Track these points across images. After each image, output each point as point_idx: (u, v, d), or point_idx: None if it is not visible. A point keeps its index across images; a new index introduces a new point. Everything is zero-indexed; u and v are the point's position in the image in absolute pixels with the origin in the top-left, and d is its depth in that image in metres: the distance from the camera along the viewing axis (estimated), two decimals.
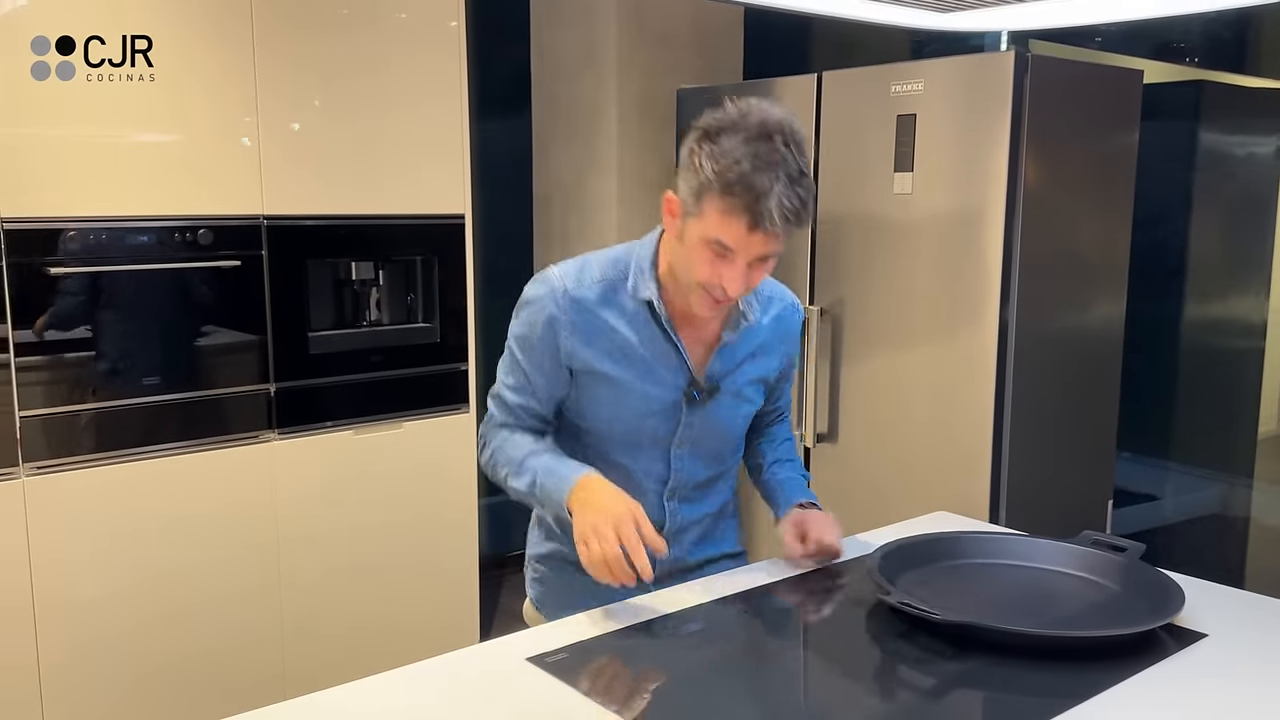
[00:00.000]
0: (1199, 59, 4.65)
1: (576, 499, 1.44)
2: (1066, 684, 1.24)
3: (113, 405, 2.50)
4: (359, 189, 2.78)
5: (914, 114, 2.64)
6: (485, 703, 1.23)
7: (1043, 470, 2.73)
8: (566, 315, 1.53)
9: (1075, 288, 2.78)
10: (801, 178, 1.37)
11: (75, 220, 2.40)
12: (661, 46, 3.47)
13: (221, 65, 2.54)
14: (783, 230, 1.38)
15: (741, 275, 1.43)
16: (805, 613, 1.56)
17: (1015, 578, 1.56)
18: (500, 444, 1.59)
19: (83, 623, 2.48)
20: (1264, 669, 1.32)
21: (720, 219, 1.38)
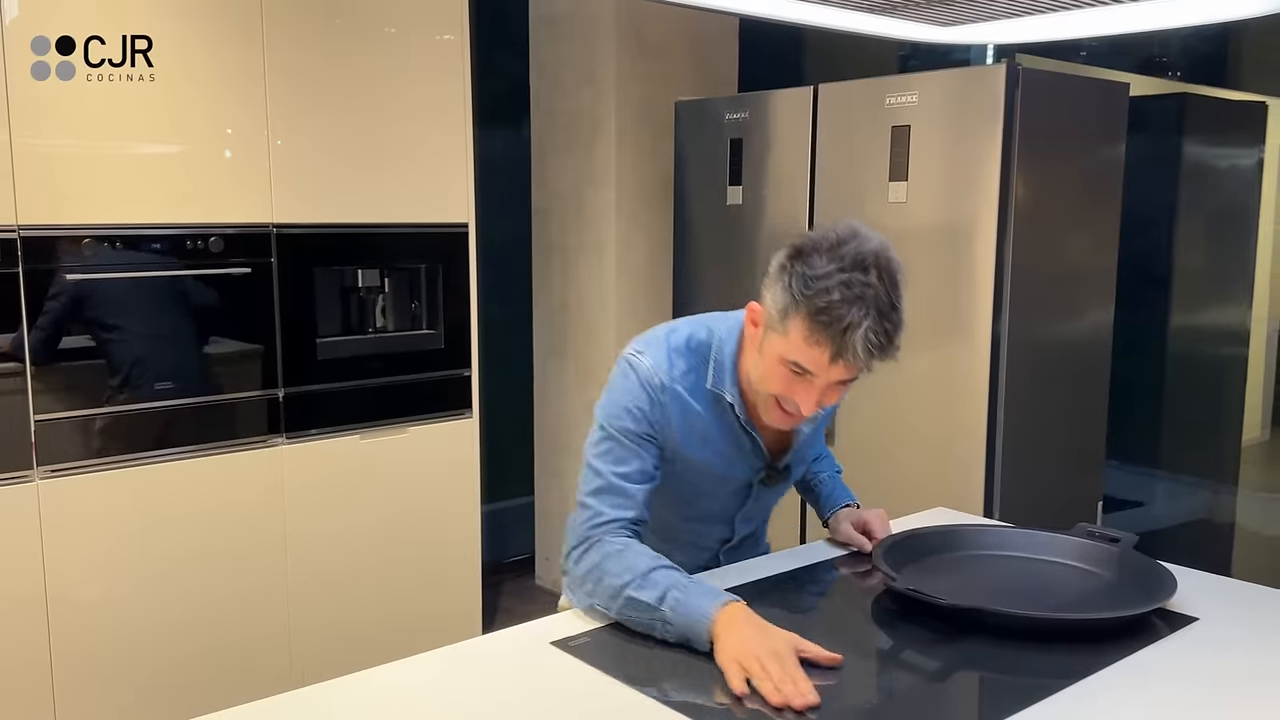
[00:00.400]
0: (1181, 73, 4.75)
1: (728, 625, 1.31)
2: (1063, 665, 1.30)
3: (126, 409, 2.54)
4: (365, 198, 2.84)
5: (908, 125, 2.72)
6: (513, 682, 1.29)
7: (1034, 475, 2.79)
8: (665, 408, 1.52)
9: (1065, 296, 2.85)
10: (892, 312, 1.35)
11: (90, 228, 2.45)
12: (659, 60, 3.55)
13: (231, 76, 2.60)
14: (865, 364, 1.37)
15: (816, 397, 1.42)
16: (815, 600, 1.62)
17: (1013, 568, 1.63)
18: (617, 552, 1.43)
19: (94, 620, 2.52)
20: (1253, 650, 1.38)
21: (803, 343, 1.36)
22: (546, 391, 3.92)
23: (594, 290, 3.64)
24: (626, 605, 1.39)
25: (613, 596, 1.40)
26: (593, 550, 1.46)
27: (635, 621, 1.39)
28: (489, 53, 3.23)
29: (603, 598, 1.42)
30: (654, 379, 1.52)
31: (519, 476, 4.04)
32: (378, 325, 2.98)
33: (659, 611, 1.35)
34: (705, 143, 3.29)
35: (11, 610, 2.42)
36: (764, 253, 3.12)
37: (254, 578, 2.74)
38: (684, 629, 1.34)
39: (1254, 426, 5.62)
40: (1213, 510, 4.19)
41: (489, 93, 3.27)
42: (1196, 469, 4.11)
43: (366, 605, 2.92)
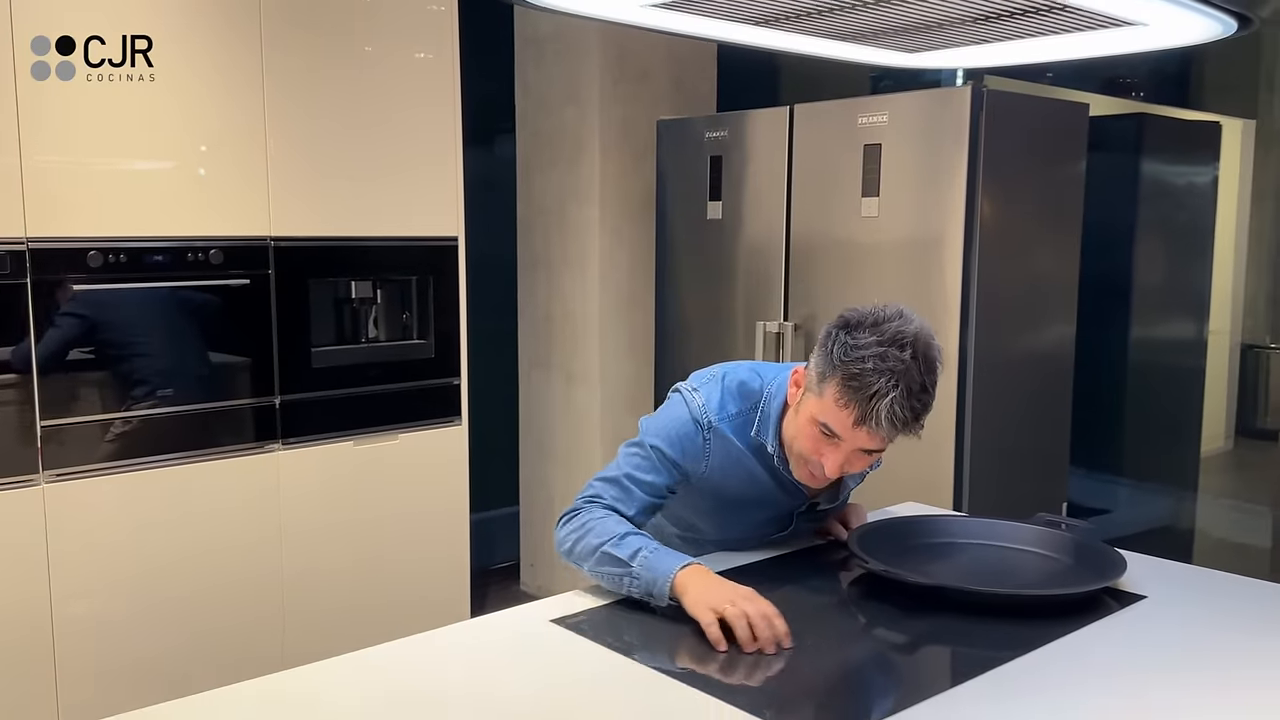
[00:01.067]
0: (1144, 93, 4.94)
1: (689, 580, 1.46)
2: (1020, 637, 1.42)
3: (128, 415, 2.63)
4: (359, 212, 2.95)
5: (879, 143, 2.86)
6: (516, 656, 1.40)
7: (1001, 481, 2.92)
8: (709, 444, 1.65)
9: (1029, 309, 2.99)
10: (921, 392, 1.45)
11: (95, 240, 2.54)
12: (641, 82, 3.68)
13: (232, 91, 2.70)
14: (888, 434, 1.47)
15: (840, 461, 1.53)
16: (796, 582, 1.74)
17: (977, 553, 1.75)
18: (602, 519, 1.59)
19: (96, 614, 2.60)
20: (1194, 623, 1.51)
21: (834, 405, 1.47)
22: (531, 402, 4.02)
23: (578, 302, 3.76)
24: (601, 560, 1.54)
25: (591, 553, 1.55)
26: (580, 515, 1.62)
27: (606, 576, 1.55)
28: (476, 72, 3.34)
29: (583, 554, 1.57)
30: (704, 417, 1.65)
31: (504, 486, 4.14)
32: (370, 335, 3.07)
33: (629, 567, 1.50)
34: (686, 160, 3.42)
35: (17, 605, 2.49)
36: (744, 265, 3.26)
37: (250, 578, 2.83)
38: (648, 583, 1.48)
39: (1218, 437, 5.79)
40: (1175, 517, 4.33)
41: (476, 111, 3.39)
42: (1158, 476, 4.24)
43: (358, 604, 3.01)
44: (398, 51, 2.99)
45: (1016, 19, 1.34)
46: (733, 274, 3.30)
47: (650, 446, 1.65)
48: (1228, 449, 5.61)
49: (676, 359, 3.50)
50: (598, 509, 1.62)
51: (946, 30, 1.47)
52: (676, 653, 1.40)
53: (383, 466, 3.05)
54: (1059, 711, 1.23)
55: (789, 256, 3.12)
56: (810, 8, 1.30)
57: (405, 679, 1.33)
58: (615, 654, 1.37)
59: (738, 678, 1.31)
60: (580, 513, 1.62)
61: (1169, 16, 1.35)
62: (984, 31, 1.49)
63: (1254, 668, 1.36)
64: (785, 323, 3.12)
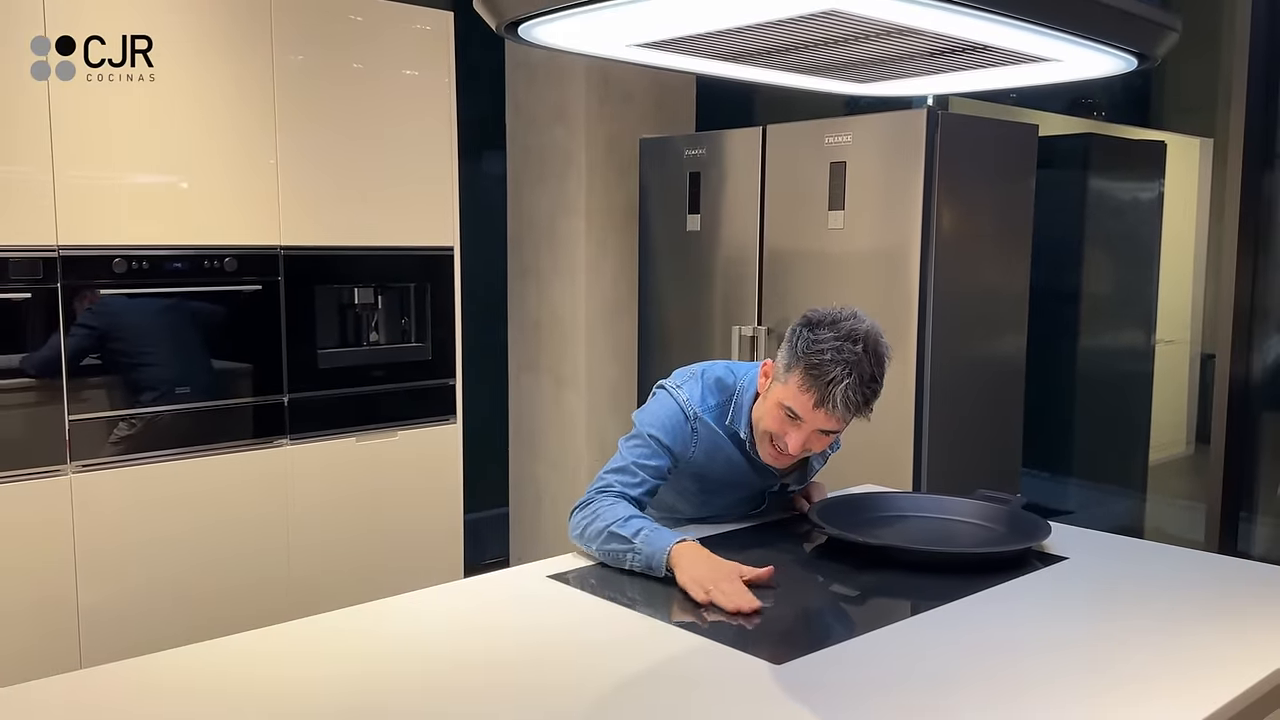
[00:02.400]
0: (1105, 113, 5.21)
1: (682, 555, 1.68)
2: (954, 588, 1.65)
3: (149, 411, 2.84)
4: (362, 223, 3.16)
5: (844, 161, 3.10)
6: (518, 606, 1.61)
7: (957, 479, 3.14)
8: (695, 431, 1.90)
9: (983, 316, 3.23)
10: (871, 381, 1.70)
11: (120, 248, 2.75)
12: (625, 102, 3.92)
13: (248, 113, 2.92)
14: (843, 416, 1.71)
15: (802, 440, 1.76)
16: (765, 547, 1.96)
17: (922, 524, 1.98)
18: (611, 505, 1.81)
19: (117, 593, 2.79)
20: (1105, 577, 1.75)
21: (797, 391, 1.72)
22: (521, 404, 4.24)
23: (566, 309, 3.98)
24: (608, 540, 1.75)
25: (599, 534, 1.77)
26: (593, 504, 1.84)
27: (611, 553, 1.76)
28: (469, 92, 3.55)
29: (592, 535, 1.78)
30: (689, 409, 1.90)
31: (494, 487, 4.35)
32: (371, 339, 3.29)
33: (632, 544, 1.72)
34: (667, 176, 3.66)
35: (45, 585, 2.69)
36: (721, 273, 3.50)
37: (259, 564, 3.03)
38: (648, 557, 1.70)
39: (1179, 442, 6.06)
40: (1130, 517, 4.56)
41: (470, 129, 3.60)
42: (1112, 479, 4.47)
43: (360, 582, 3.20)
44: (398, 73, 3.21)
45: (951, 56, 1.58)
46: (711, 282, 3.53)
47: (649, 435, 1.88)
48: (1189, 454, 5.87)
49: (659, 362, 3.72)
50: (608, 497, 1.84)
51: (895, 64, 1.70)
52: (662, 603, 1.62)
53: (383, 461, 3.26)
54: (980, 639, 1.45)
55: (762, 265, 3.36)
56: (776, 45, 1.54)
57: (410, 629, 1.54)
58: (608, 603, 1.59)
59: (722, 622, 1.53)
60: (592, 502, 1.84)
61: (1078, 55, 1.59)
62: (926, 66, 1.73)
63: (1147, 607, 1.59)
64: (759, 327, 3.35)
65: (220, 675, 1.34)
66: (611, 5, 1.26)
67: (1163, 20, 1.52)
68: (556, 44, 1.52)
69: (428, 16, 3.27)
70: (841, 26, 1.40)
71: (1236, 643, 1.45)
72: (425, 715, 1.23)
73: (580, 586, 1.66)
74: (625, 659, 1.38)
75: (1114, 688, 1.29)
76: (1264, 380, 3.19)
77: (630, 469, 1.88)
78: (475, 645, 1.46)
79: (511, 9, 1.33)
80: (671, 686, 1.31)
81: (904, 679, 1.33)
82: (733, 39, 1.50)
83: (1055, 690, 1.29)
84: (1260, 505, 3.31)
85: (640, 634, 1.49)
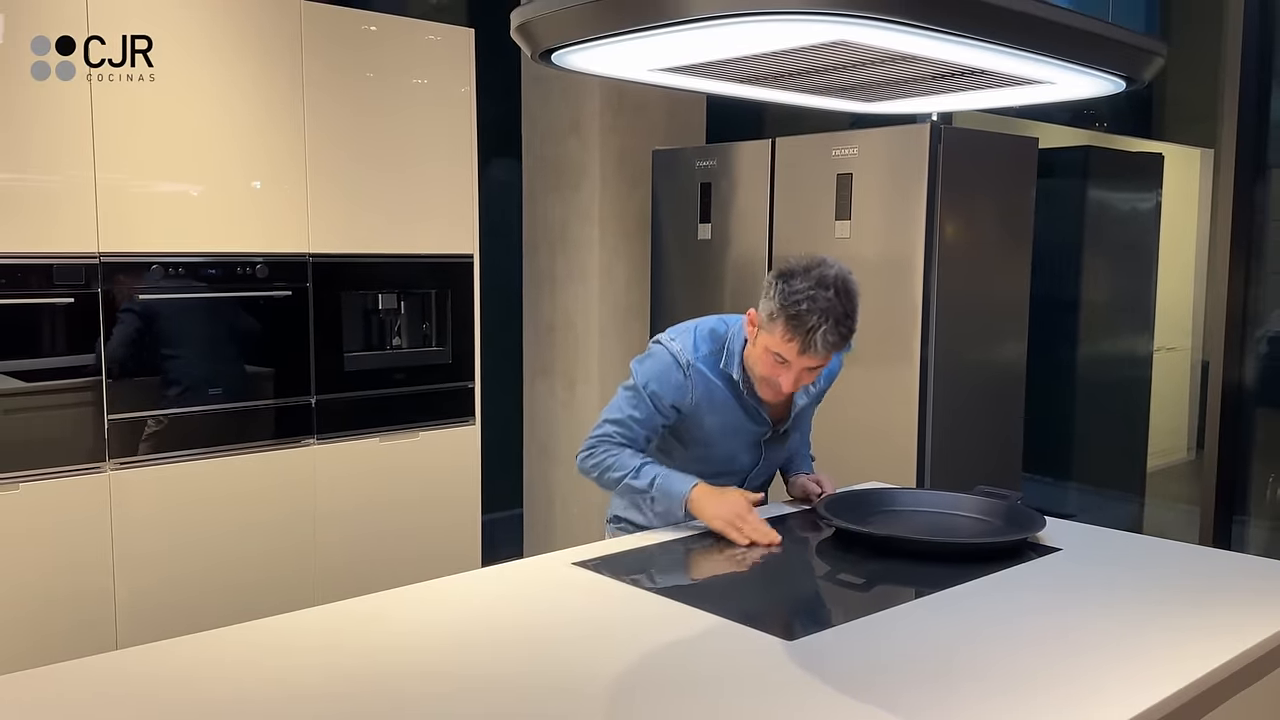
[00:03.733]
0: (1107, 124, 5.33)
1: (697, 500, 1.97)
2: (952, 575, 1.77)
3: (184, 411, 2.96)
4: (386, 232, 3.29)
5: (851, 173, 3.22)
6: (545, 589, 1.73)
7: (959, 479, 3.25)
8: (690, 378, 2.05)
9: (985, 323, 3.34)
10: (846, 318, 1.88)
11: (157, 255, 2.88)
12: (637, 115, 4.04)
13: (278, 124, 3.05)
14: (825, 354, 1.89)
15: (794, 379, 1.95)
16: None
17: (924, 518, 2.09)
18: (616, 454, 2.05)
19: (154, 583, 2.92)
20: (1096, 566, 1.86)
21: (781, 340, 1.89)
22: (535, 408, 4.36)
23: (579, 315, 4.10)
24: (624, 490, 2.06)
25: (615, 484, 2.06)
26: (597, 453, 2.08)
27: (631, 497, 2.10)
28: (487, 105, 3.67)
29: (608, 484, 2.07)
30: (683, 358, 2.06)
31: (509, 489, 4.47)
32: (394, 343, 3.41)
33: (649, 492, 2.01)
34: (678, 186, 3.78)
35: (84, 577, 2.82)
36: (731, 280, 3.62)
37: (286, 556, 3.15)
38: (666, 502, 2.02)
39: (1180, 448, 6.17)
40: (1127, 522, 4.65)
41: (486, 138, 3.72)
42: (1108, 483, 4.56)
43: (382, 577, 3.31)
44: (421, 86, 3.34)
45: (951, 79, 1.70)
46: (721, 288, 3.65)
47: (646, 391, 2.06)
48: (1188, 459, 5.98)
49: None
50: (612, 446, 2.07)
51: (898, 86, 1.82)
52: (678, 584, 1.74)
53: (404, 462, 3.39)
54: (977, 621, 1.57)
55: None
56: (787, 70, 1.66)
57: (442, 615, 1.65)
58: (627, 585, 1.71)
59: (740, 602, 1.64)
60: (597, 449, 2.08)
61: (1069, 79, 1.71)
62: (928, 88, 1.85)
63: (1132, 594, 1.70)
64: None
65: (245, 658, 1.43)
66: (638, 36, 1.38)
67: (1149, 46, 1.64)
68: (586, 69, 1.65)
69: (449, 32, 3.40)
70: (849, 53, 1.52)
71: (1218, 624, 1.56)
72: (445, 697, 1.34)
73: (601, 572, 1.78)
74: (643, 637, 1.50)
75: (1100, 667, 1.41)
76: (1257, 385, 3.29)
77: (626, 422, 2.07)
78: (498, 627, 1.58)
79: (547, 39, 1.46)
80: (690, 660, 1.43)
81: (906, 656, 1.45)
82: (747, 64, 1.62)
83: (1041, 669, 1.40)
84: (1253, 508, 3.40)
85: (660, 614, 1.60)
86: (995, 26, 1.32)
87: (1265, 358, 3.27)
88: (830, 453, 3.35)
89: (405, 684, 1.34)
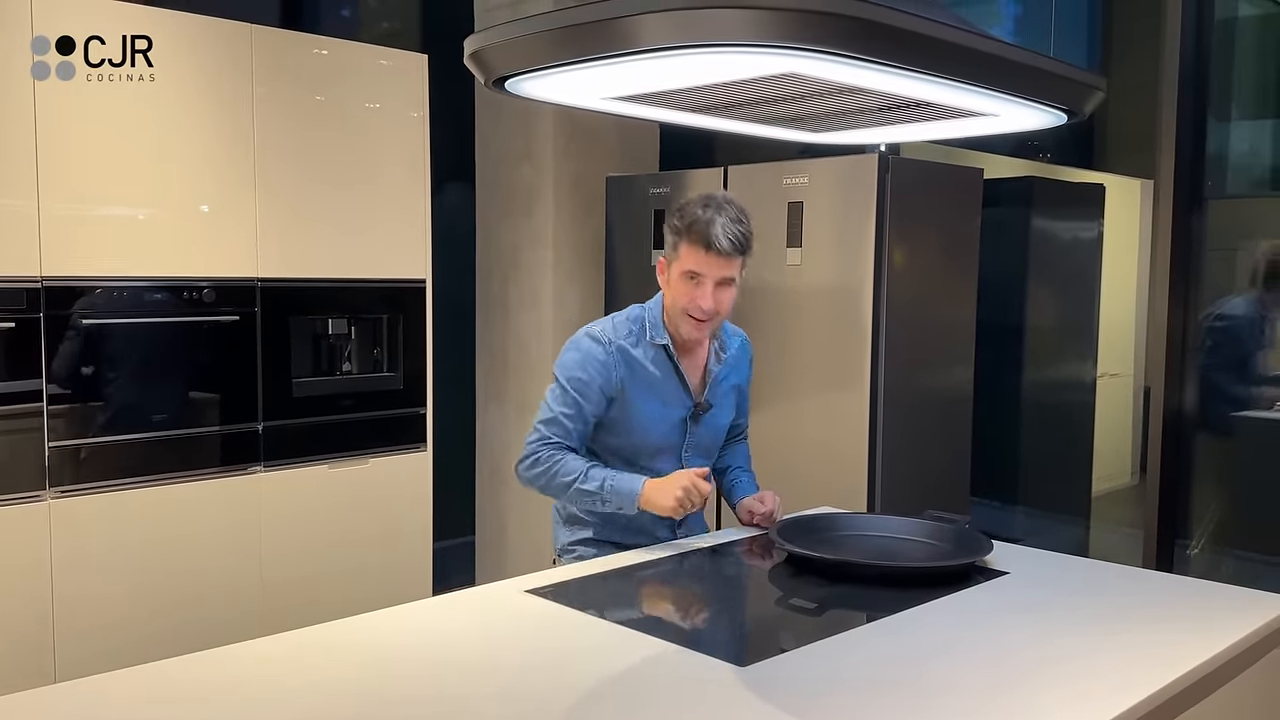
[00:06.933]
0: (1050, 154, 5.45)
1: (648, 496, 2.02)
2: (903, 599, 1.78)
3: (127, 438, 2.91)
4: (337, 256, 3.27)
5: (801, 201, 3.26)
6: (499, 617, 1.72)
7: (908, 504, 3.28)
8: (615, 360, 2.11)
9: (932, 349, 3.39)
10: (740, 220, 2.00)
11: (101, 279, 2.83)
12: (591, 141, 4.06)
13: (228, 147, 3.02)
14: (729, 252, 1.98)
15: (710, 295, 2.02)
16: (729, 565, 2.09)
17: (874, 542, 2.11)
18: (560, 460, 2.07)
19: (92, 614, 2.85)
20: (1042, 590, 1.89)
21: (688, 252, 2.00)
22: (488, 434, 4.33)
23: (532, 341, 4.10)
24: (575, 495, 2.06)
25: (564, 489, 2.07)
26: (540, 462, 2.08)
27: (580, 501, 2.07)
28: (439, 129, 3.67)
29: (556, 490, 2.08)
30: (604, 339, 2.12)
31: (460, 516, 4.43)
32: (344, 368, 3.38)
33: (600, 495, 2.04)
34: (632, 212, 3.80)
35: (22, 607, 2.74)
36: None
37: (232, 586, 3.10)
38: (618, 501, 2.03)
39: (1124, 473, 6.29)
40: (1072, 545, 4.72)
41: (439, 164, 3.72)
42: (1053, 507, 4.64)
43: (331, 607, 3.26)
44: (375, 111, 3.33)
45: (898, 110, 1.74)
46: None
47: (571, 384, 2.09)
48: (1133, 484, 6.09)
49: None
50: (553, 450, 2.08)
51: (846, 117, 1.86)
52: (631, 610, 1.73)
53: (354, 489, 3.35)
54: (927, 644, 1.58)
55: None
56: (739, 100, 1.68)
57: (398, 642, 1.64)
58: (582, 613, 1.70)
59: (693, 628, 1.64)
60: (541, 456, 2.08)
61: (1012, 111, 1.75)
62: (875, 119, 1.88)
63: (1078, 616, 1.73)
64: None
65: (190, 689, 1.40)
66: (590, 65, 1.40)
67: (1089, 81, 1.68)
68: (539, 96, 1.66)
69: (403, 58, 3.40)
70: (798, 85, 1.54)
71: (1162, 646, 1.59)
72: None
73: (554, 599, 1.77)
74: (598, 664, 1.49)
75: (1047, 687, 1.43)
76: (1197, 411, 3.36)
77: (557, 419, 2.10)
78: (449, 657, 1.56)
79: (500, 67, 1.47)
80: (644, 687, 1.43)
81: (858, 679, 1.46)
82: (699, 94, 1.64)
83: (991, 688, 1.42)
84: (1195, 532, 3.47)
85: (613, 642, 1.60)
86: (942, 61, 1.35)
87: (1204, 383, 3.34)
88: (782, 476, 3.36)
89: (356, 713, 1.32)
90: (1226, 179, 3.63)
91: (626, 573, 1.96)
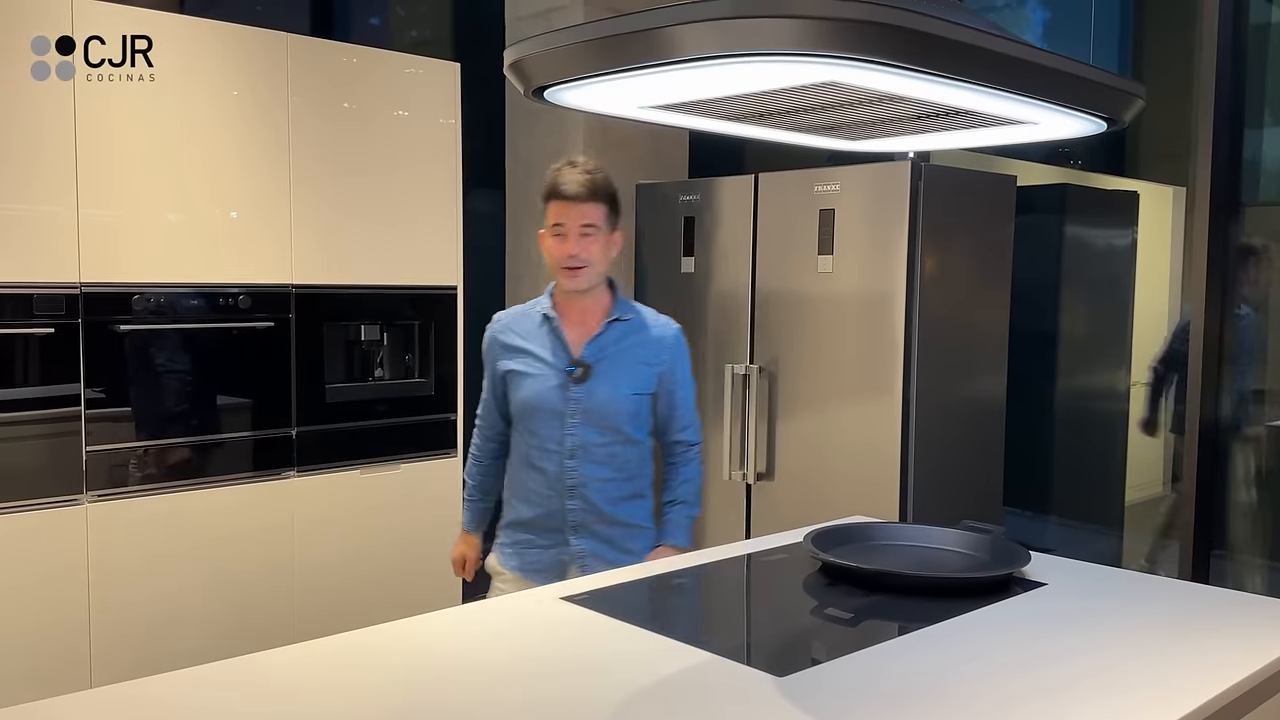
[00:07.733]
0: (1081, 162, 5.40)
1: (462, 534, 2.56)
2: (941, 610, 1.77)
3: (163, 443, 2.94)
4: (370, 263, 3.29)
5: (833, 208, 3.25)
6: (534, 625, 1.72)
7: (941, 513, 3.27)
8: (496, 332, 2.37)
9: (965, 358, 3.37)
10: (589, 171, 2.21)
11: (139, 286, 2.86)
12: (621, 149, 4.07)
13: (264, 155, 3.05)
14: (580, 195, 2.18)
15: (574, 243, 2.20)
16: (763, 574, 2.08)
17: (910, 552, 2.10)
18: (475, 454, 2.50)
19: (128, 617, 2.88)
20: (1082, 601, 1.87)
21: (549, 209, 2.22)
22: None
23: None
24: None
25: None
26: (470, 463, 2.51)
27: None
28: (471, 137, 3.69)
29: None
30: (495, 320, 2.40)
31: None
32: (376, 374, 3.40)
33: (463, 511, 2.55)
34: (662, 220, 3.80)
35: (59, 610, 2.77)
36: (714, 314, 3.63)
37: (265, 591, 3.12)
38: None
39: (1156, 482, 6.22)
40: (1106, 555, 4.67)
41: (471, 171, 3.74)
42: (1086, 517, 4.59)
43: (363, 616, 3.29)
44: (405, 118, 3.35)
45: (936, 119, 1.73)
46: (704, 322, 3.67)
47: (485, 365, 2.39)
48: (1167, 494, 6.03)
49: None
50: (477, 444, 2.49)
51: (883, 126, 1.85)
52: (668, 619, 1.73)
53: (385, 494, 3.37)
54: (964, 656, 1.57)
55: (754, 306, 3.50)
56: (776, 109, 1.68)
57: (430, 648, 1.64)
58: (616, 621, 1.70)
59: (730, 638, 1.64)
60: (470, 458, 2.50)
61: (1051, 119, 1.74)
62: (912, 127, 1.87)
63: (1119, 629, 1.71)
64: (751, 365, 3.49)
65: (223, 696, 1.41)
66: (630, 74, 1.40)
67: (1129, 89, 1.67)
68: (578, 105, 1.66)
69: (435, 66, 3.42)
70: (837, 94, 1.54)
71: (1203, 660, 1.57)
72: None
73: (589, 607, 1.77)
74: (633, 672, 1.49)
75: (1086, 698, 1.41)
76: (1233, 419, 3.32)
77: (485, 401, 2.44)
78: (483, 663, 1.57)
79: (540, 77, 1.47)
80: (681, 697, 1.42)
81: (896, 690, 1.45)
82: (736, 103, 1.64)
83: (1029, 701, 1.41)
84: (1230, 542, 3.43)
85: (651, 650, 1.60)
86: (987, 69, 1.35)
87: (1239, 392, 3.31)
88: (814, 483, 3.36)
89: None
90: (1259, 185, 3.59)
91: (661, 581, 1.96)
